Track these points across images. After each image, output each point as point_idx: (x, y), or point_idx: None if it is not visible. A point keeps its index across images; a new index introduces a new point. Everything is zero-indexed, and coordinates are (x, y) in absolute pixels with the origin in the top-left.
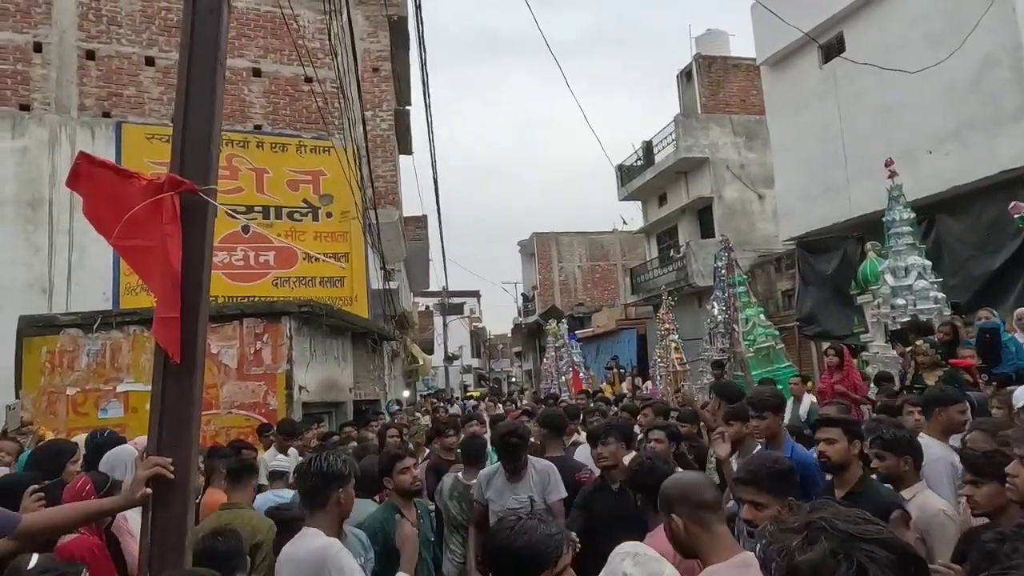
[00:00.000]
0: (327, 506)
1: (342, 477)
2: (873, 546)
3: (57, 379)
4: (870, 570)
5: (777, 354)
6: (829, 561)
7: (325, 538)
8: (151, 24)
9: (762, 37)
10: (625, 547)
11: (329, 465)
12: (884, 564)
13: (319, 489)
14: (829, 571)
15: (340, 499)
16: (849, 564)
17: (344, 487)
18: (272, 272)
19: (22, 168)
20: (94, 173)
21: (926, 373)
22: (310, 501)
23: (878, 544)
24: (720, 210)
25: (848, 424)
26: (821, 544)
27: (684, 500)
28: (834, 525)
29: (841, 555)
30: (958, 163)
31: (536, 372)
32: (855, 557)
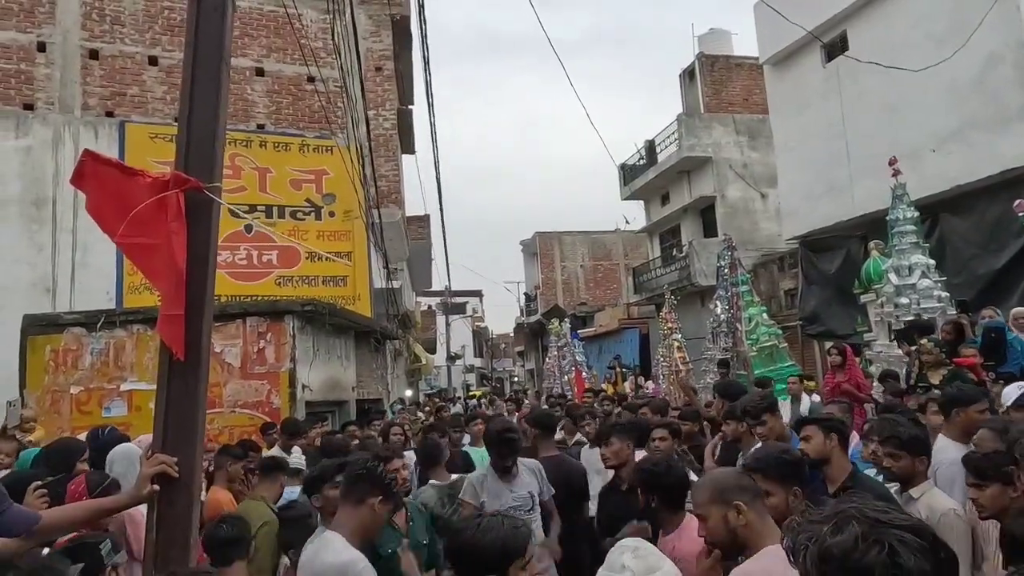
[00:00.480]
0: (359, 510)
1: (386, 490)
2: (903, 531)
3: (61, 378)
4: (901, 553)
5: (780, 353)
6: (860, 544)
7: (350, 552)
8: (154, 23)
9: (765, 36)
10: (626, 542)
11: (381, 474)
12: (915, 548)
13: (360, 494)
14: (861, 554)
15: (374, 507)
16: (880, 547)
17: (383, 500)
18: (275, 271)
19: (26, 167)
20: (99, 171)
21: (930, 372)
22: (345, 494)
23: (908, 530)
24: (723, 209)
25: (821, 421)
26: (852, 528)
27: (743, 488)
28: (864, 512)
29: (872, 539)
30: (961, 162)
31: (539, 372)
32: (886, 540)
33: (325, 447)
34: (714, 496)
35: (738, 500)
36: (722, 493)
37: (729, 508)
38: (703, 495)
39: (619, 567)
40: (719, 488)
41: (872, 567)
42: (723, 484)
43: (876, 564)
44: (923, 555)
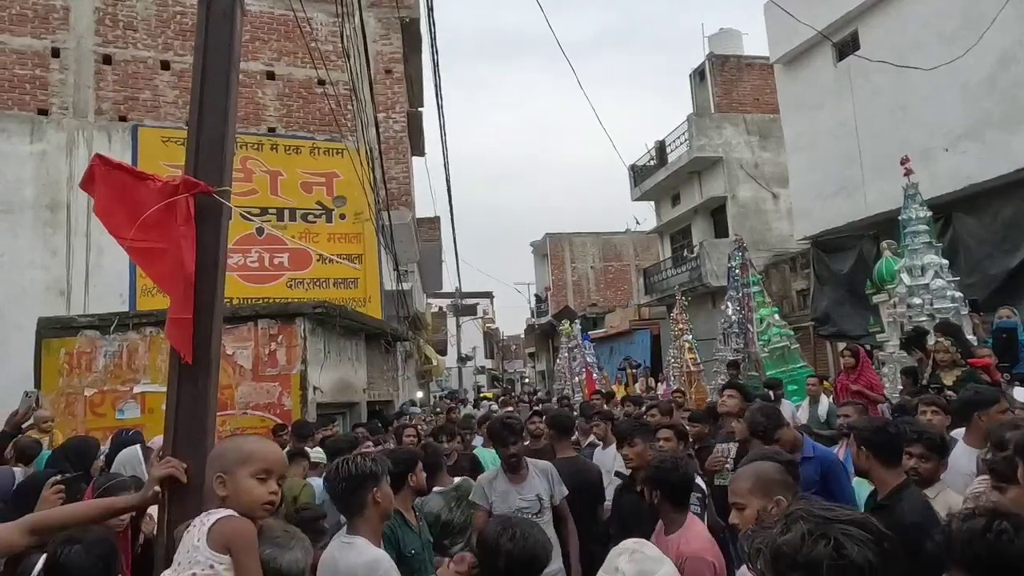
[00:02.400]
0: (364, 510)
1: (374, 476)
2: (848, 525)
3: (75, 380)
4: (846, 545)
5: (792, 354)
6: (807, 540)
7: (374, 551)
8: (166, 28)
9: (776, 36)
10: (626, 544)
11: (357, 466)
12: (859, 540)
13: (351, 493)
14: (808, 549)
15: (376, 499)
16: (827, 541)
17: (378, 486)
18: (286, 274)
19: (40, 172)
20: (109, 175)
21: (944, 372)
22: (345, 508)
23: (853, 523)
24: (734, 210)
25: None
26: (799, 526)
27: (787, 485)
28: (810, 512)
29: (818, 534)
30: (974, 161)
31: (549, 373)
32: (831, 535)
33: (331, 446)
34: (756, 487)
35: (780, 495)
36: (766, 485)
37: (769, 501)
38: (745, 483)
39: (613, 569)
40: (762, 479)
41: (820, 560)
42: (767, 476)
43: (823, 556)
44: (867, 546)
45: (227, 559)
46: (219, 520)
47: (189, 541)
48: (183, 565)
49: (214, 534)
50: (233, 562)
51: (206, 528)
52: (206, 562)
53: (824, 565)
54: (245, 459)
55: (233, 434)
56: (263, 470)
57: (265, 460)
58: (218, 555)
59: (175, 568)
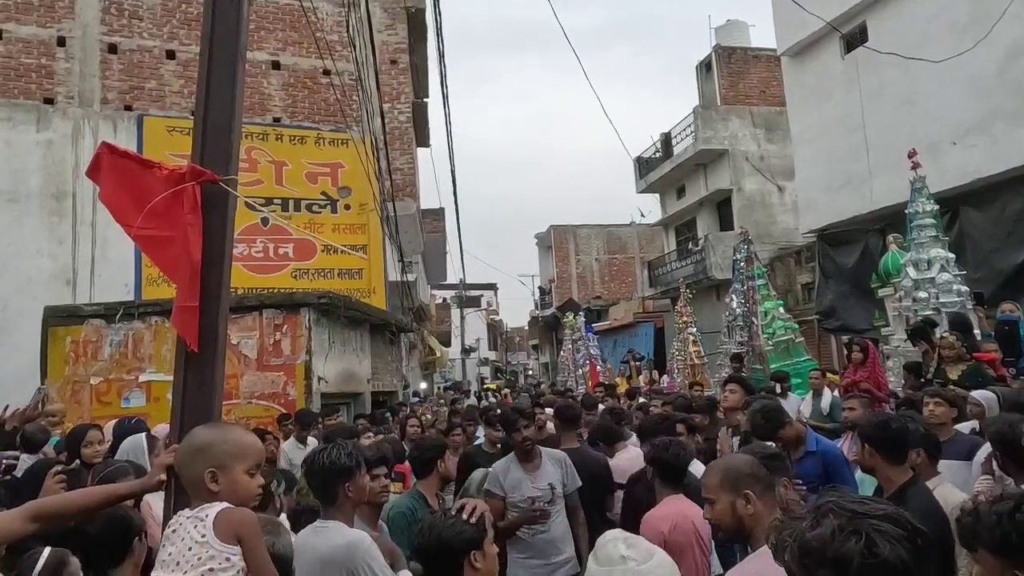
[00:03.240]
0: (337, 502)
1: (347, 471)
2: (881, 521)
3: (81, 369)
4: (878, 542)
5: (796, 347)
6: (838, 536)
7: (352, 531)
8: (172, 18)
9: (783, 27)
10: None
11: (332, 460)
12: (892, 537)
13: (327, 485)
14: (839, 545)
15: (348, 492)
16: (858, 538)
17: (351, 480)
18: (291, 264)
19: (47, 161)
20: (115, 163)
21: (949, 367)
22: (320, 496)
23: (886, 519)
24: (739, 202)
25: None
26: (829, 520)
27: (756, 478)
28: (841, 505)
29: (849, 529)
30: (982, 154)
31: (553, 365)
32: (863, 531)
33: (329, 436)
34: (725, 481)
35: (748, 489)
36: (734, 479)
37: (738, 496)
38: (714, 478)
39: (618, 558)
40: (731, 474)
41: (850, 557)
42: (736, 470)
43: (854, 554)
44: (900, 543)
45: (239, 549)
46: (221, 512)
47: (188, 538)
48: (189, 563)
49: (222, 526)
50: (245, 551)
51: (209, 523)
52: (221, 555)
53: (855, 563)
54: (241, 455)
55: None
56: (256, 465)
57: (258, 455)
58: (231, 547)
59: (174, 568)
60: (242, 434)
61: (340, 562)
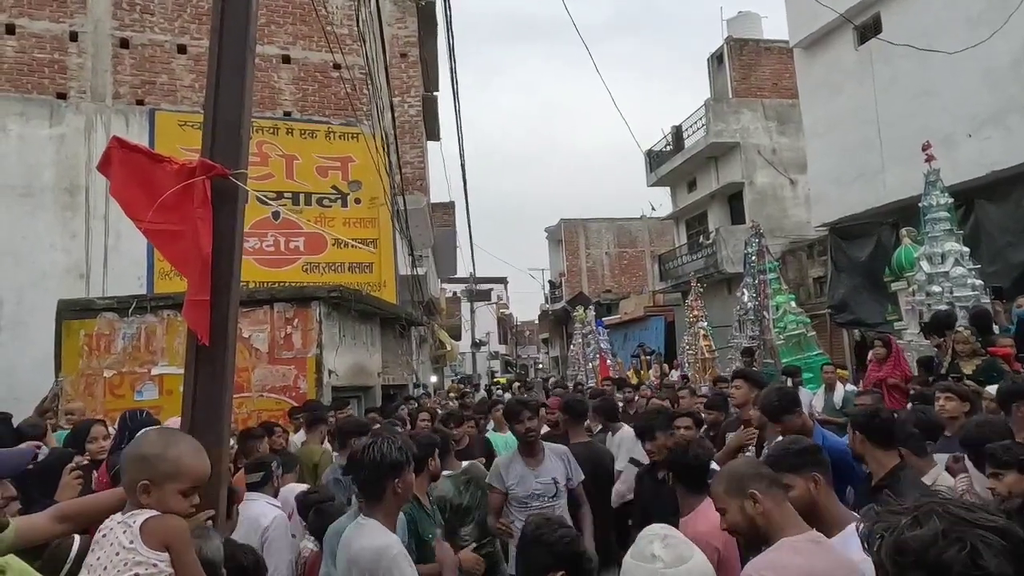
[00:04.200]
0: (383, 498)
1: (398, 466)
2: (988, 532)
3: (95, 362)
4: (984, 554)
5: (808, 342)
6: (941, 541)
7: (386, 536)
8: (183, 12)
9: (795, 19)
10: (654, 529)
11: (383, 454)
12: (999, 551)
13: (373, 481)
14: (940, 551)
15: (397, 489)
16: (962, 546)
17: (401, 476)
18: (302, 258)
19: (60, 155)
20: (126, 157)
21: (963, 362)
22: (365, 493)
23: (994, 531)
24: (751, 196)
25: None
26: (933, 523)
27: (759, 477)
28: (948, 509)
29: (954, 536)
30: (998, 147)
31: (563, 359)
32: (968, 540)
33: (343, 427)
34: (729, 487)
35: (752, 488)
36: (737, 483)
37: (745, 498)
38: (719, 487)
39: (649, 556)
40: (734, 478)
41: (951, 565)
42: (737, 474)
43: (955, 562)
44: (1007, 558)
45: (167, 556)
46: (149, 520)
47: (116, 543)
48: (115, 568)
49: (149, 533)
50: (173, 558)
51: (136, 529)
52: (148, 561)
53: (954, 571)
54: (175, 475)
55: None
56: (190, 487)
57: (194, 478)
58: (158, 553)
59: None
60: (185, 453)
61: (365, 566)
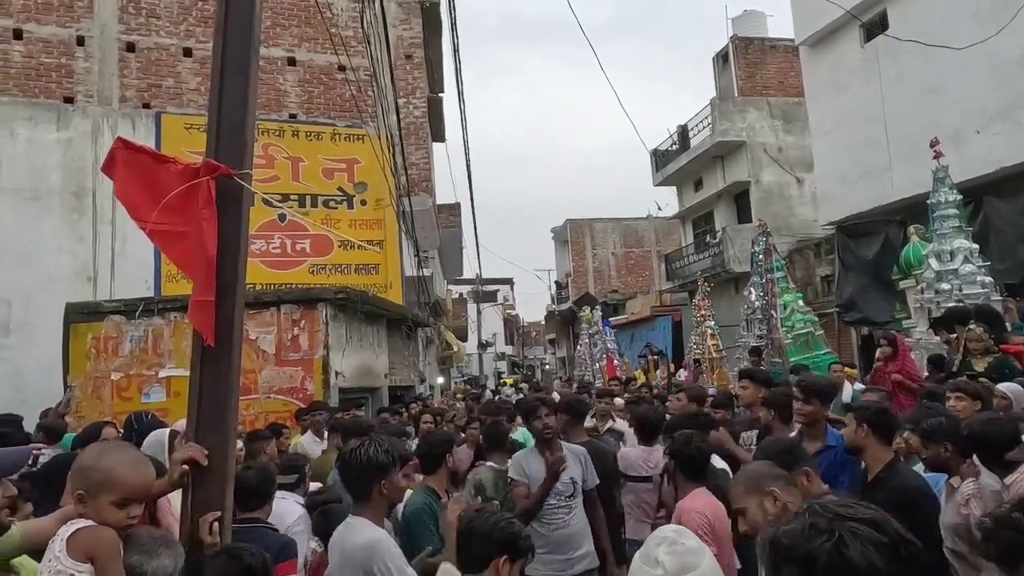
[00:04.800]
0: (370, 498)
1: (383, 468)
2: (860, 524)
3: (102, 364)
4: (850, 544)
5: (816, 340)
6: (808, 533)
7: (374, 531)
8: (188, 15)
9: (801, 16)
10: (665, 531)
11: (369, 456)
12: (868, 541)
13: (361, 481)
14: (806, 542)
15: (383, 489)
16: (828, 537)
17: (387, 477)
18: (308, 259)
19: (67, 159)
20: (131, 158)
21: (975, 360)
22: (353, 492)
23: (867, 523)
24: (757, 195)
25: (856, 410)
26: (803, 519)
27: (776, 476)
28: (824, 505)
29: (823, 528)
30: (1007, 143)
31: (570, 359)
32: (837, 531)
33: (348, 428)
34: (748, 486)
35: (772, 487)
36: (756, 483)
37: (765, 496)
38: (739, 489)
39: (653, 561)
40: (752, 479)
41: (816, 556)
42: (756, 474)
43: (820, 553)
44: (876, 549)
45: (88, 567)
46: (79, 530)
47: (51, 551)
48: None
49: (74, 544)
50: (97, 570)
51: (65, 538)
52: (67, 571)
53: (820, 561)
54: (107, 487)
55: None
56: (123, 499)
57: (126, 490)
58: (79, 564)
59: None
60: (119, 464)
61: (359, 562)
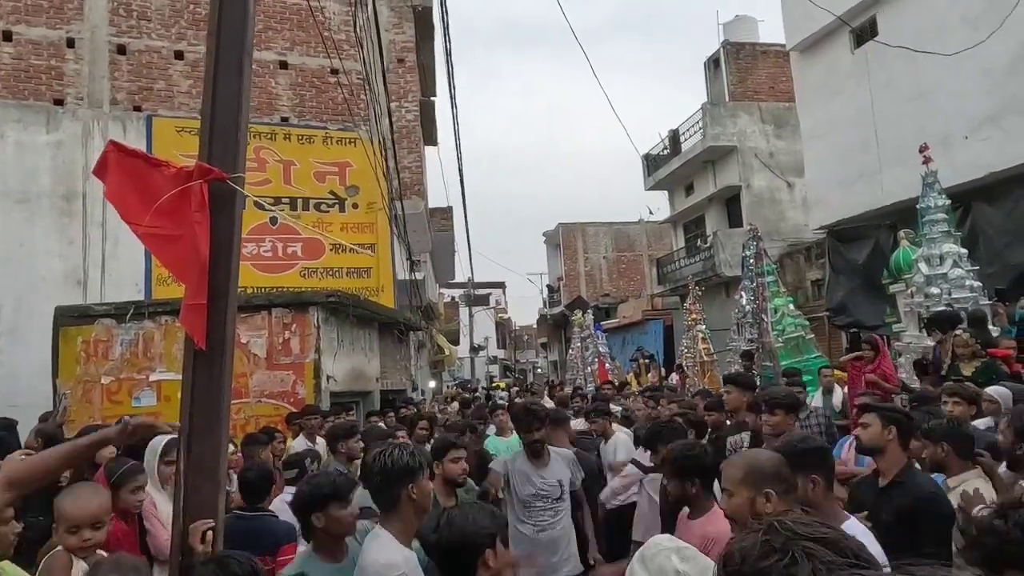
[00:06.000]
0: (398, 507)
1: (411, 471)
2: (817, 544)
3: (92, 368)
4: (801, 563)
5: (806, 344)
6: (761, 549)
7: (395, 552)
8: (180, 18)
9: (792, 22)
10: (662, 542)
11: (394, 461)
12: (823, 562)
13: (385, 489)
14: (757, 560)
15: (412, 495)
16: (781, 556)
17: (415, 482)
18: (300, 263)
19: (57, 162)
20: (123, 161)
21: (963, 363)
22: (378, 502)
23: (824, 543)
24: (748, 199)
25: (884, 411)
26: (757, 535)
27: (779, 479)
28: (784, 524)
29: (775, 546)
30: (995, 148)
31: (562, 363)
32: (790, 549)
33: (331, 431)
34: (747, 477)
35: (770, 488)
36: (757, 476)
37: (759, 494)
38: (738, 472)
39: (672, 572)
40: (755, 471)
41: (768, 573)
42: (760, 468)
43: (770, 572)
44: (829, 569)
45: None
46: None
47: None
48: None
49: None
50: None
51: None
52: None
53: None
54: (60, 519)
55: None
56: (73, 526)
57: (70, 520)
58: None
59: None
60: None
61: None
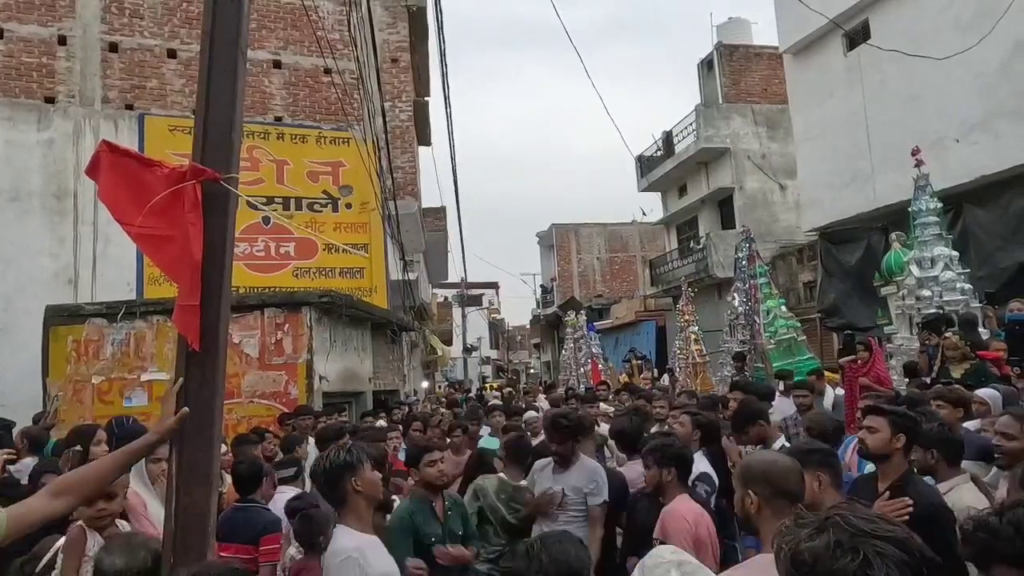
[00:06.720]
0: (348, 499)
1: (350, 466)
2: (885, 542)
3: (83, 368)
4: (875, 564)
5: (798, 346)
6: (833, 551)
7: (351, 539)
8: (172, 16)
9: (785, 25)
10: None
11: (332, 460)
12: (894, 561)
13: (332, 486)
14: (831, 561)
15: (356, 487)
16: (854, 555)
17: (357, 475)
18: (292, 263)
19: (48, 160)
20: (115, 161)
21: (953, 366)
22: (330, 500)
23: (892, 541)
24: (741, 201)
25: (895, 416)
26: (827, 535)
27: (765, 482)
28: (847, 520)
29: (848, 546)
30: (986, 152)
31: (555, 363)
32: (862, 550)
33: (320, 434)
34: (739, 474)
35: (752, 489)
36: (744, 474)
37: (745, 491)
38: (738, 469)
39: None
40: (744, 469)
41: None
42: (749, 468)
43: (847, 572)
44: (901, 568)
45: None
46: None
47: None
48: None
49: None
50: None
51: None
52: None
53: None
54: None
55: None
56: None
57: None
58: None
59: None
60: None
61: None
